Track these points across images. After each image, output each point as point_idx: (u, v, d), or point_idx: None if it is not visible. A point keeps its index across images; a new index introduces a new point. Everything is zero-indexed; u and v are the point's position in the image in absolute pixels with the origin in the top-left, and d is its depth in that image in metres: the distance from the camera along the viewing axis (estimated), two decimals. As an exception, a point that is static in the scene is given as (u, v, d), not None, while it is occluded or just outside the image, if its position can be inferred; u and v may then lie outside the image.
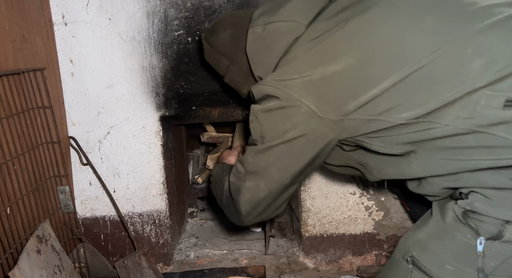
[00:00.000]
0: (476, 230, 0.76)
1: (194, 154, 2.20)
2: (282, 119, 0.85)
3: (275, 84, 0.84)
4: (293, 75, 0.82)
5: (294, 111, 0.82)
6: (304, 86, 0.81)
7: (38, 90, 1.32)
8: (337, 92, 0.80)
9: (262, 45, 0.94)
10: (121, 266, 1.42)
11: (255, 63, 0.97)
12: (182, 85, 1.53)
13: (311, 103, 0.81)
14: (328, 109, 0.81)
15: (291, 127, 0.84)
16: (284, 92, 0.82)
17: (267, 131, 0.88)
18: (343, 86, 0.79)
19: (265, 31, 0.93)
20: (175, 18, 1.46)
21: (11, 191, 1.17)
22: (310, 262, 1.68)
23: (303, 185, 1.60)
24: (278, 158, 0.88)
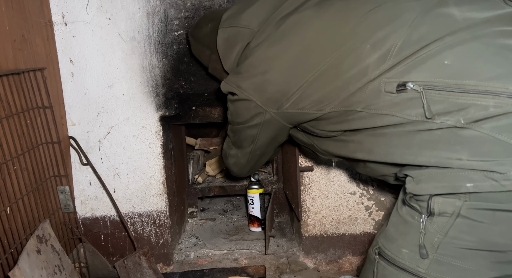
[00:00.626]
0: (419, 210, 0.81)
1: (194, 154, 2.20)
2: (242, 110, 1.05)
3: (232, 83, 1.04)
4: (244, 75, 1.01)
5: (248, 104, 1.02)
6: (251, 85, 1.00)
7: (38, 90, 1.32)
8: (273, 91, 0.97)
9: (226, 45, 1.10)
10: (121, 266, 1.42)
11: (223, 59, 1.13)
12: (182, 85, 1.53)
13: (257, 99, 1.00)
14: (269, 104, 0.99)
15: (249, 117, 1.05)
16: (238, 90, 1.02)
17: (234, 117, 1.10)
18: (276, 86, 0.96)
19: (228, 33, 1.08)
20: (175, 18, 1.46)
21: (11, 191, 1.17)
22: (310, 262, 1.68)
23: (303, 185, 1.60)
24: (245, 137, 1.12)
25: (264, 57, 0.98)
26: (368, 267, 0.94)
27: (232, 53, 1.09)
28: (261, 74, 0.98)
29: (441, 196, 0.78)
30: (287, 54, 0.93)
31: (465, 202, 0.76)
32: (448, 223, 0.78)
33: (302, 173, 1.59)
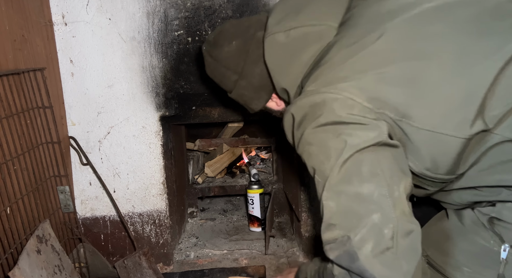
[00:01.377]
0: (501, 237, 0.77)
1: (194, 154, 2.20)
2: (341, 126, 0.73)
3: (318, 90, 0.75)
4: (339, 83, 0.74)
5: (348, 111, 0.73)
6: (355, 88, 0.73)
7: (38, 90, 1.32)
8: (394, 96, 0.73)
9: (285, 53, 0.87)
10: (121, 266, 1.42)
11: (278, 74, 0.90)
12: (182, 85, 1.53)
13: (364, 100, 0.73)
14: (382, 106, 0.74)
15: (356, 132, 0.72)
16: (333, 93, 0.74)
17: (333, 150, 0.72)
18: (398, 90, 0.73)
19: (288, 38, 0.86)
20: (175, 18, 1.46)
21: (11, 191, 1.17)
22: (310, 262, 1.68)
23: (303, 185, 1.60)
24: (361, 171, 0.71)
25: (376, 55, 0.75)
26: None
27: (298, 61, 0.86)
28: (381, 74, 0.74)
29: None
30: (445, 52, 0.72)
31: None
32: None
33: (302, 173, 1.59)
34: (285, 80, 0.90)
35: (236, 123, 2.19)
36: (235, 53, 0.97)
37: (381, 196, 0.69)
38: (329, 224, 0.74)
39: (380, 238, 0.67)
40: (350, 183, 0.71)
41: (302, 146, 0.78)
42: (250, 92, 1.00)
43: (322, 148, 0.74)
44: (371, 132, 0.71)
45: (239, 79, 0.99)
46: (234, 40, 0.97)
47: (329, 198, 0.73)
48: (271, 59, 0.90)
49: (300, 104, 0.78)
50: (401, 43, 0.75)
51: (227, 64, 0.99)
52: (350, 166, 0.70)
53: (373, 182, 0.69)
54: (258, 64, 0.95)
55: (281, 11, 0.91)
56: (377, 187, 0.69)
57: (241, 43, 0.96)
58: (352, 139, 0.71)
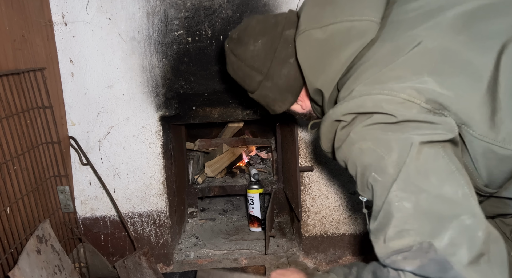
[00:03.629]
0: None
1: (194, 154, 2.20)
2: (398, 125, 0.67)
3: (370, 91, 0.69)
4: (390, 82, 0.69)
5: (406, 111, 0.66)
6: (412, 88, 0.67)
7: (38, 90, 1.32)
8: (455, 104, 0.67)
9: (322, 51, 0.81)
10: (121, 266, 1.42)
11: (313, 73, 0.83)
12: (182, 85, 1.53)
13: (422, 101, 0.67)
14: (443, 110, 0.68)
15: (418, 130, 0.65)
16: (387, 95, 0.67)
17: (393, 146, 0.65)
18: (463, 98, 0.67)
19: (326, 34, 0.79)
20: (175, 18, 1.46)
21: (11, 191, 1.17)
22: (310, 262, 1.68)
23: (303, 185, 1.60)
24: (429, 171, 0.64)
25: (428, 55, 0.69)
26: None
27: (336, 59, 0.79)
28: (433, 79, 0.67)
29: None
30: None
31: None
32: None
33: (302, 173, 1.59)
34: (320, 80, 0.83)
35: (236, 123, 2.19)
36: (261, 52, 0.91)
37: (466, 195, 0.61)
38: (402, 230, 0.62)
39: (474, 243, 0.58)
40: (428, 181, 0.62)
41: (348, 145, 0.70)
42: (275, 93, 0.95)
43: (381, 142, 0.66)
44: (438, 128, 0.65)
45: (264, 80, 0.94)
46: (260, 39, 0.91)
47: (404, 198, 0.62)
48: (305, 58, 0.83)
49: (345, 108, 0.70)
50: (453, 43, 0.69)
51: (251, 63, 0.93)
52: (423, 163, 0.62)
53: (453, 180, 0.62)
54: (285, 64, 0.90)
55: (314, 6, 0.84)
56: (459, 185, 0.62)
57: (267, 42, 0.91)
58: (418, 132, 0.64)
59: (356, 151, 0.69)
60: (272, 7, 1.45)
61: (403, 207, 0.62)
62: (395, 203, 0.62)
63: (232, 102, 1.56)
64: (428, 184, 0.62)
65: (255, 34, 0.92)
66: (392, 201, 0.63)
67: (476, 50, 0.68)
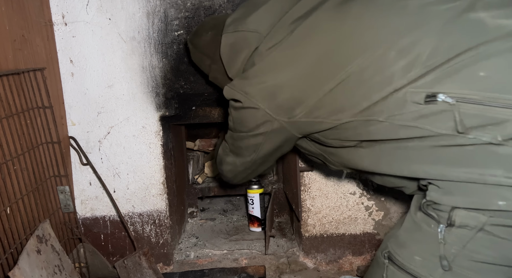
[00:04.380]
0: (437, 219, 0.79)
1: (194, 154, 2.20)
2: (247, 118, 0.98)
3: (238, 89, 0.97)
4: (252, 81, 0.94)
5: (254, 112, 0.95)
6: (260, 91, 0.93)
7: (38, 90, 1.32)
8: (286, 98, 0.91)
9: (231, 50, 1.04)
10: (121, 266, 1.42)
11: (227, 65, 1.07)
12: (182, 85, 1.53)
13: (266, 107, 0.93)
14: (280, 112, 0.93)
15: (254, 126, 0.98)
16: (245, 96, 0.95)
17: (237, 125, 1.03)
18: (289, 93, 0.90)
19: (233, 38, 1.02)
20: (175, 18, 1.46)
21: (11, 191, 1.17)
22: (310, 262, 1.68)
23: (303, 185, 1.60)
24: (247, 146, 1.05)
25: (276, 63, 0.92)
26: (376, 270, 0.91)
27: (238, 59, 1.02)
28: (272, 80, 0.92)
29: (464, 209, 0.75)
30: (303, 59, 0.88)
31: (490, 218, 0.73)
32: (468, 236, 0.76)
33: (302, 173, 1.59)
34: (231, 71, 1.07)
35: None
36: (209, 41, 1.15)
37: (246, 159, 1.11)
38: (227, 140, 1.13)
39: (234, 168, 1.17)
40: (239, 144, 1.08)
41: (229, 109, 1.05)
42: (220, 75, 1.14)
43: (234, 119, 1.04)
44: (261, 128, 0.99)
45: (212, 63, 1.16)
46: (210, 31, 1.15)
47: (231, 135, 1.10)
48: (222, 54, 1.07)
49: (228, 91, 1.01)
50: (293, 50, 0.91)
51: (203, 50, 1.18)
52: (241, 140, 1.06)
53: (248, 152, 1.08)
54: None
55: (237, 13, 1.06)
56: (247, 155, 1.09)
57: (214, 34, 1.12)
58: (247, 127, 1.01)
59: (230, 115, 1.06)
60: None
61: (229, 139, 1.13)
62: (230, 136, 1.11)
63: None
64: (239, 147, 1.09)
65: (207, 27, 1.17)
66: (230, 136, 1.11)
67: None
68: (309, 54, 0.87)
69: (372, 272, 0.94)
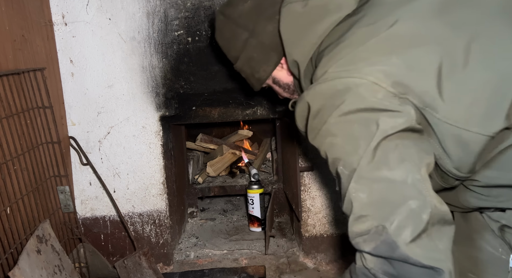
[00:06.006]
0: (511, 246, 0.75)
1: (194, 154, 2.20)
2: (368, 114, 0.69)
3: (339, 74, 0.71)
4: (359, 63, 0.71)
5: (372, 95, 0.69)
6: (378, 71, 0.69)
7: (38, 90, 1.32)
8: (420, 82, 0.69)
9: (301, 23, 0.83)
10: (121, 266, 1.42)
11: (291, 43, 0.86)
12: (182, 85, 1.53)
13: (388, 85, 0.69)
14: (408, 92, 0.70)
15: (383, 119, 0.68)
16: (356, 77, 0.69)
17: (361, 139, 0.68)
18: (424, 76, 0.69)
19: (306, 7, 0.82)
20: (175, 18, 1.46)
21: (11, 191, 1.17)
22: (310, 262, 1.68)
23: (303, 185, 1.60)
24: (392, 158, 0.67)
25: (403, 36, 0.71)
26: None
27: (312, 32, 0.82)
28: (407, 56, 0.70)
29: None
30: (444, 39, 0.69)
31: None
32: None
33: (302, 173, 1.59)
34: (297, 51, 0.85)
35: (245, 131, 2.22)
36: (248, 11, 0.93)
37: (415, 181, 0.65)
38: (360, 216, 0.68)
39: (418, 224, 0.64)
40: (380, 172, 0.67)
41: (321, 137, 0.74)
42: (260, 53, 0.95)
43: (349, 139, 0.70)
44: (399, 118, 0.67)
45: (250, 37, 0.94)
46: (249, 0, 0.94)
47: (359, 190, 0.68)
48: (285, 29, 0.86)
49: (319, 91, 0.73)
50: (428, 26, 0.71)
51: (238, 21, 0.94)
52: (379, 155, 0.67)
53: (403, 168, 0.66)
54: (271, 21, 0.91)
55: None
56: (409, 172, 0.66)
57: (256, 3, 0.93)
58: (380, 127, 0.67)
59: (327, 144, 0.74)
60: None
61: (358, 197, 0.68)
62: (352, 194, 0.69)
63: (232, 102, 1.56)
64: (379, 175, 0.67)
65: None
66: (350, 192, 0.69)
67: (447, 36, 0.70)
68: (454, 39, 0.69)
69: None
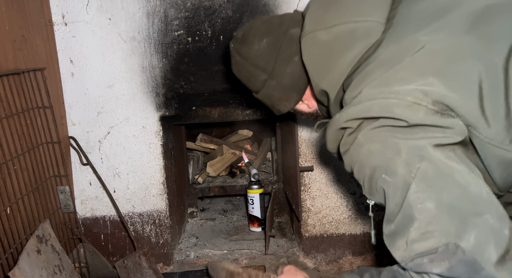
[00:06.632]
0: None
1: (194, 154, 2.20)
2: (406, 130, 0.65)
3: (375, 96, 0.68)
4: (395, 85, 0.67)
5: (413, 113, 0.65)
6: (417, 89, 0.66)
7: (38, 90, 1.32)
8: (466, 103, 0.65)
9: (327, 52, 0.81)
10: (121, 266, 1.42)
11: (318, 74, 0.84)
12: (182, 85, 1.53)
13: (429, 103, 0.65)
14: None
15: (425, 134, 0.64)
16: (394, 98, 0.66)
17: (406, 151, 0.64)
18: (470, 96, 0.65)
19: (330, 36, 0.80)
20: (175, 18, 1.46)
21: (11, 191, 1.17)
22: (310, 262, 1.68)
23: (303, 185, 1.60)
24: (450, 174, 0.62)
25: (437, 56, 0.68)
26: None
27: (341, 60, 0.79)
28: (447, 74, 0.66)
29: None
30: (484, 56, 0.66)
31: None
32: None
33: (302, 173, 1.59)
34: (325, 81, 0.83)
35: (245, 131, 2.21)
36: (265, 51, 0.91)
37: (489, 194, 0.60)
38: (426, 232, 0.60)
39: (500, 241, 0.57)
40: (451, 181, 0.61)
41: (356, 147, 0.70)
42: (280, 92, 0.95)
43: (390, 143, 0.65)
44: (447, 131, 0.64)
45: (269, 78, 0.93)
46: (265, 38, 0.91)
47: (426, 199, 0.60)
48: (310, 59, 0.83)
49: (352, 113, 0.70)
50: (462, 41, 0.68)
51: (256, 62, 0.93)
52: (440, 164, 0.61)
53: (475, 180, 0.61)
54: (289, 63, 0.90)
55: (319, 8, 0.84)
56: (481, 184, 0.61)
57: (272, 41, 0.91)
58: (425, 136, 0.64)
59: (364, 153, 0.68)
60: (272, 7, 1.45)
61: (425, 208, 0.60)
62: (417, 205, 0.61)
63: (232, 102, 1.56)
64: (451, 184, 0.60)
65: (260, 34, 0.92)
66: (413, 203, 0.61)
67: (483, 51, 0.67)
68: None
69: None
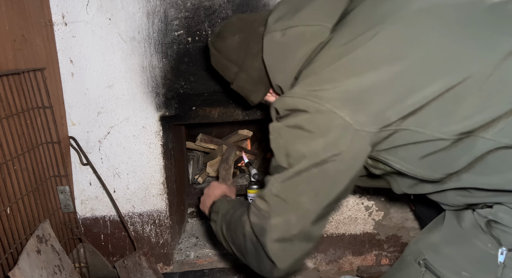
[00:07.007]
0: (499, 240, 0.76)
1: (194, 154, 2.20)
2: (312, 135, 0.75)
3: (304, 96, 0.76)
4: (324, 85, 0.75)
5: (326, 124, 0.74)
6: (338, 96, 0.73)
7: (38, 90, 1.32)
8: (378, 102, 0.72)
9: (281, 51, 0.90)
10: (121, 266, 1.42)
11: (273, 71, 0.93)
12: (182, 85, 1.53)
13: (346, 114, 0.72)
14: (367, 120, 0.73)
15: (323, 145, 0.74)
16: (316, 103, 0.74)
17: (294, 152, 0.77)
18: (384, 95, 0.72)
19: (284, 37, 0.88)
20: (175, 18, 1.46)
21: (11, 191, 1.17)
22: (310, 262, 1.68)
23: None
24: (309, 185, 0.78)
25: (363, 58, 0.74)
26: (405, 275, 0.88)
27: (291, 60, 0.88)
28: (358, 81, 0.73)
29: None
30: (404, 57, 0.72)
31: None
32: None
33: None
34: (279, 77, 0.93)
35: (245, 131, 2.21)
36: (236, 46, 1.00)
37: (307, 210, 0.80)
38: (264, 197, 0.84)
39: (286, 233, 0.81)
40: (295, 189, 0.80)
41: (275, 133, 0.83)
42: (250, 85, 1.03)
43: (288, 145, 0.80)
44: (340, 143, 0.74)
45: (239, 71, 1.02)
46: (238, 34, 1.00)
47: (276, 182, 0.82)
48: (268, 57, 0.93)
49: (285, 102, 0.80)
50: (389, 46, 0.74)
51: (229, 56, 1.03)
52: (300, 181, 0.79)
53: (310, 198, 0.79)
54: (257, 58, 0.98)
55: (281, 10, 0.93)
56: (309, 202, 0.79)
57: (243, 37, 0.99)
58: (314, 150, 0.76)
59: (275, 141, 0.83)
60: (272, 7, 1.45)
61: (272, 186, 0.82)
62: (272, 179, 0.83)
63: (232, 102, 1.56)
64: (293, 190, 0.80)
65: (234, 30, 1.01)
66: (273, 177, 0.83)
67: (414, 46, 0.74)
68: (414, 53, 0.73)
69: (401, 276, 0.89)
